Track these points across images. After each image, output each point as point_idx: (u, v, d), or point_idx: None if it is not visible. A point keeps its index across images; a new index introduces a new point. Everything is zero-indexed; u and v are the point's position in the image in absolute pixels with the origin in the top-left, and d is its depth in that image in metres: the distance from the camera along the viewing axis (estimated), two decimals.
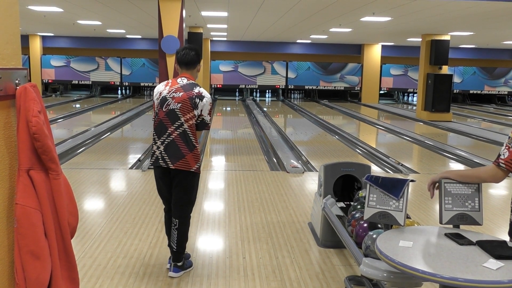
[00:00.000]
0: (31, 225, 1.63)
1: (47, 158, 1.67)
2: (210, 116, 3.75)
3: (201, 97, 3.65)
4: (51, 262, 1.68)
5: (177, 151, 3.58)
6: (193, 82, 3.75)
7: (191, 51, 3.74)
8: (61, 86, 22.52)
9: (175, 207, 3.74)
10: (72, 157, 8.40)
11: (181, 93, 3.63)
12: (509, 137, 2.45)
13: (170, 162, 3.59)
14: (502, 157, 2.45)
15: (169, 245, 3.80)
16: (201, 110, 3.66)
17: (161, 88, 3.74)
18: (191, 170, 3.63)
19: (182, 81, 3.71)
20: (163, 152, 3.61)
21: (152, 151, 3.70)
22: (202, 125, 3.71)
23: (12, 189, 1.65)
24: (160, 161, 3.63)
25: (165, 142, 3.60)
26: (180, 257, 3.77)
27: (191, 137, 3.62)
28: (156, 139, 3.66)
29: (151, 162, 3.73)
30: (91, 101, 20.08)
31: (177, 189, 3.69)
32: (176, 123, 3.59)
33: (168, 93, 3.66)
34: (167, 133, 3.60)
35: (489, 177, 2.54)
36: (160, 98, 3.68)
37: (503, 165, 2.43)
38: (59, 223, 1.72)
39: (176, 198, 3.72)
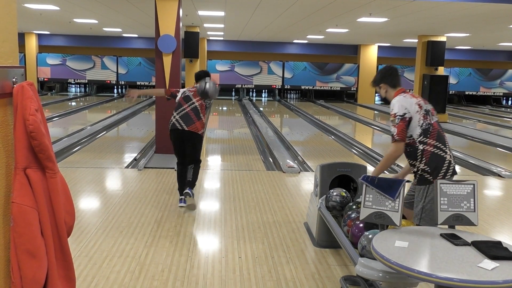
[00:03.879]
0: (27, 224, 1.63)
1: (44, 156, 1.66)
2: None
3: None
4: (47, 261, 1.68)
5: (189, 119, 5.33)
6: None
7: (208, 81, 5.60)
8: (56, 85, 22.46)
9: (191, 158, 5.51)
10: (68, 155, 8.38)
11: (194, 88, 5.61)
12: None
13: (185, 126, 5.30)
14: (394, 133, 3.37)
15: (183, 183, 5.45)
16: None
17: (185, 89, 5.67)
18: (199, 133, 5.38)
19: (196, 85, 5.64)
20: (179, 119, 5.34)
21: (171, 120, 5.39)
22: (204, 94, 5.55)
23: (8, 188, 1.65)
24: (177, 125, 5.32)
25: (180, 113, 5.37)
26: (194, 184, 5.51)
27: (199, 111, 5.40)
28: (174, 112, 5.42)
29: (170, 127, 5.37)
30: (87, 99, 20.03)
31: (190, 147, 5.42)
32: (189, 102, 5.44)
33: (189, 92, 5.59)
34: (182, 108, 5.39)
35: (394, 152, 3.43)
36: (184, 94, 5.56)
37: (397, 138, 3.35)
38: (55, 221, 1.72)
39: (191, 153, 5.47)
